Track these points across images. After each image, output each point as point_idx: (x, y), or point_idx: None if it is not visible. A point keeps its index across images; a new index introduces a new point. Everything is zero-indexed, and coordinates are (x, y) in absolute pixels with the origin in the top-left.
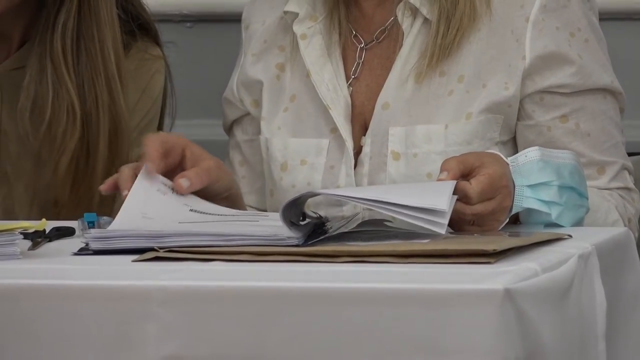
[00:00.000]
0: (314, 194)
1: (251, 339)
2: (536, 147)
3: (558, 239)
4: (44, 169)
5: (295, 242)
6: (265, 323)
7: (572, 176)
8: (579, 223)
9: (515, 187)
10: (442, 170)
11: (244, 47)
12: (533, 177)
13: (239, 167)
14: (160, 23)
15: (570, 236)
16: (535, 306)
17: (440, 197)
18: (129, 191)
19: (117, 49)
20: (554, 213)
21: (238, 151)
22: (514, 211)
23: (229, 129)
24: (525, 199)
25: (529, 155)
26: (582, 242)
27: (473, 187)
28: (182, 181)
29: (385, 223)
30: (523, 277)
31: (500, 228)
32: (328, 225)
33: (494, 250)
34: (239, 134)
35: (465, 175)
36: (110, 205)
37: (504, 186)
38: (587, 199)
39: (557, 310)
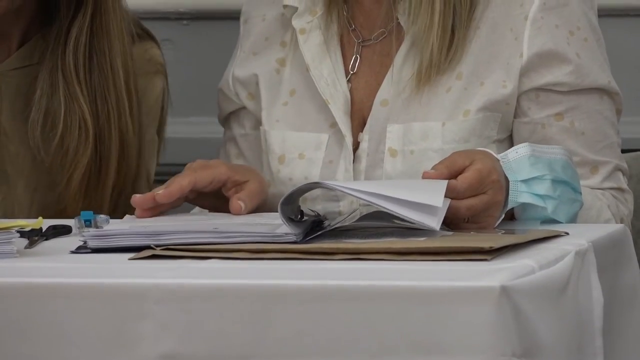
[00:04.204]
0: (312, 186)
1: (248, 337)
2: (526, 144)
3: (555, 236)
4: (47, 173)
5: (294, 238)
6: (262, 321)
7: (565, 170)
8: (573, 218)
9: (510, 183)
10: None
11: (241, 41)
12: (525, 172)
13: (235, 159)
14: (156, 21)
15: (567, 233)
16: (532, 303)
17: (435, 194)
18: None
19: (126, 63)
20: (549, 207)
21: (234, 144)
22: (509, 207)
23: (225, 120)
24: (520, 194)
25: (520, 151)
26: (578, 239)
27: (460, 182)
28: (240, 203)
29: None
30: (520, 274)
31: (495, 225)
32: (326, 223)
33: (491, 247)
34: (235, 127)
35: (456, 175)
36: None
37: (494, 181)
38: (581, 194)
39: (554, 307)
